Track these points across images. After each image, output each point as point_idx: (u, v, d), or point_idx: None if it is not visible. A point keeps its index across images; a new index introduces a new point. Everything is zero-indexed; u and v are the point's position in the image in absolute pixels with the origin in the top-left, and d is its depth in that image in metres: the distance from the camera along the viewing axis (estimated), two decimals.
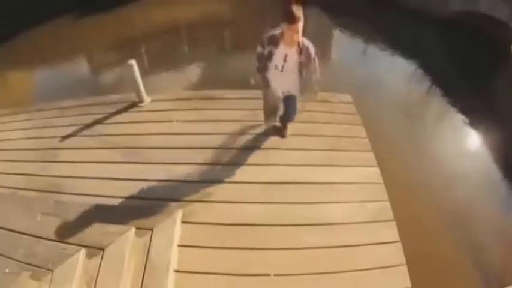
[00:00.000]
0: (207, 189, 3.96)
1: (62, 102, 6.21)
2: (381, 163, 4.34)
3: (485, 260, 5.23)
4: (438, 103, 9.56)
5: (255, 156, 4.36)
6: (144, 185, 4.07)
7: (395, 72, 11.28)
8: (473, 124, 8.47)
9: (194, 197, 3.85)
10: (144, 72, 5.66)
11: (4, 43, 13.97)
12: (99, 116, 5.39)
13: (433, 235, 5.27)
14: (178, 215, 3.62)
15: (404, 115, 8.33)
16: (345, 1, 15.97)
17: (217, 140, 4.63)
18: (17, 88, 12.34)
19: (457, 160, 7.17)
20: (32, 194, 4.11)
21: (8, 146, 5.17)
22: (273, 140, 4.58)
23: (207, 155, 4.40)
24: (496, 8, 13.25)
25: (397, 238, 3.48)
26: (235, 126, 4.84)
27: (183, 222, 3.58)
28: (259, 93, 4.49)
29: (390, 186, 4.05)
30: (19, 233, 3.50)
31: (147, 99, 5.60)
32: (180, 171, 4.20)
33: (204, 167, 4.25)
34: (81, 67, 11.97)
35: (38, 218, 3.64)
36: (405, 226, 3.73)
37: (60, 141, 4.98)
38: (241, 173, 4.15)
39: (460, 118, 8.74)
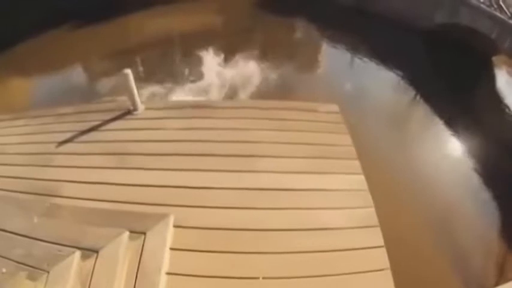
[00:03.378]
0: (198, 194, 4.08)
1: (59, 108, 6.32)
2: (367, 170, 4.48)
3: (466, 264, 5.41)
4: (422, 112, 9.87)
5: (245, 163, 4.49)
6: (137, 190, 4.18)
7: (381, 82, 11.63)
8: (456, 132, 8.76)
9: (186, 202, 3.96)
10: (139, 81, 5.79)
11: (4, 49, 14.17)
12: (95, 123, 5.48)
13: (417, 240, 5.45)
14: (171, 219, 3.72)
15: (390, 124, 8.62)
16: (331, 13, 16.39)
17: (209, 147, 4.76)
18: (16, 94, 12.46)
19: (440, 167, 7.44)
20: (29, 196, 4.20)
21: (6, 150, 5.26)
22: (263, 148, 4.72)
23: (198, 162, 4.52)
24: (478, 21, 13.67)
25: (382, 243, 3.60)
26: (226, 134, 4.99)
27: (175, 226, 3.68)
28: (250, 102, 4.67)
29: (375, 192, 4.19)
30: (16, 234, 3.59)
31: (141, 107, 5.73)
32: (173, 177, 4.32)
33: (196, 173, 4.37)
34: (78, 75, 12.12)
35: (35, 220, 3.74)
36: (390, 231, 3.88)
37: (57, 146, 5.08)
38: (232, 179, 4.27)
39: (443, 127, 9.03)
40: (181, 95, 8.64)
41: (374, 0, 16.84)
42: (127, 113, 5.66)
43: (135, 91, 5.61)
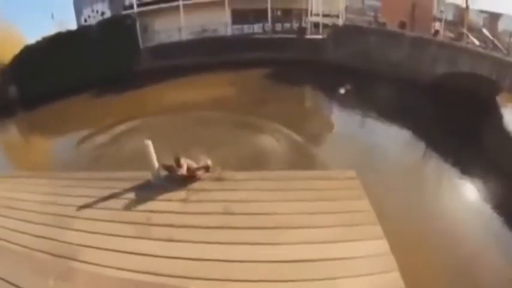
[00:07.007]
0: (220, 267, 4.00)
1: (79, 173, 6.54)
2: (388, 231, 4.46)
3: None
4: (436, 163, 10.06)
5: (266, 236, 4.45)
6: (157, 261, 4.15)
7: (392, 139, 11.98)
8: (473, 178, 8.83)
9: (207, 275, 3.89)
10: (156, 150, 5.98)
11: (31, 110, 15.03)
12: (114, 191, 5.64)
13: None
14: None
15: (406, 179, 8.67)
16: (337, 78, 17.29)
17: (229, 220, 4.78)
18: (37, 152, 12.96)
19: (461, 216, 7.46)
20: (47, 256, 4.24)
21: (27, 207, 5.42)
22: (284, 219, 4.71)
23: (220, 235, 4.50)
24: (477, 65, 14.37)
25: None
26: (246, 207, 5.02)
27: None
28: (268, 173, 4.79)
29: (399, 253, 4.14)
30: None
31: (161, 177, 5.87)
32: (193, 250, 4.28)
33: (218, 246, 4.32)
34: (96, 140, 12.42)
35: (51, 283, 3.68)
36: None
37: (77, 210, 5.21)
38: (254, 252, 4.21)
39: (458, 174, 9.17)
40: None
41: (377, 61, 18.03)
42: (147, 183, 5.82)
43: (155, 162, 5.80)
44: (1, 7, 24.88)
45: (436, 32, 21.42)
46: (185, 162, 5.64)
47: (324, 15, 26.93)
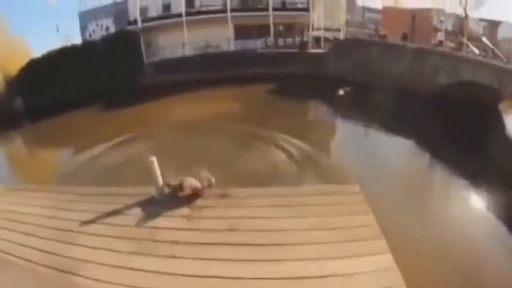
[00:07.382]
0: (224, 285, 3.96)
1: (83, 187, 6.57)
2: (393, 245, 4.43)
3: None
4: (440, 174, 9.99)
5: (271, 252, 4.41)
6: (160, 277, 4.11)
7: (396, 151, 11.97)
8: (478, 187, 8.76)
9: None
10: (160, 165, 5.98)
11: (36, 123, 15.17)
12: (118, 206, 5.63)
13: None
14: None
15: (410, 191, 8.61)
16: (338, 89, 17.37)
17: (233, 237, 4.74)
18: (43, 165, 13.02)
19: (467, 226, 7.35)
20: (49, 271, 4.23)
21: (30, 220, 5.44)
22: (288, 236, 4.68)
23: (223, 252, 4.46)
24: (478, 74, 14.40)
25: None
26: (249, 223, 4.99)
27: None
28: (273, 190, 4.79)
29: (404, 268, 4.10)
30: None
31: (165, 194, 5.84)
32: (196, 266, 4.24)
33: (220, 263, 4.28)
34: (101, 155, 12.45)
35: None
36: None
37: (81, 225, 5.20)
38: (258, 269, 4.17)
39: (463, 184, 9.10)
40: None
41: (379, 74, 18.09)
42: (151, 199, 5.82)
43: (160, 178, 5.81)
44: (8, 20, 25.32)
45: (440, 42, 21.53)
46: (189, 183, 5.63)
47: (326, 29, 27.25)
